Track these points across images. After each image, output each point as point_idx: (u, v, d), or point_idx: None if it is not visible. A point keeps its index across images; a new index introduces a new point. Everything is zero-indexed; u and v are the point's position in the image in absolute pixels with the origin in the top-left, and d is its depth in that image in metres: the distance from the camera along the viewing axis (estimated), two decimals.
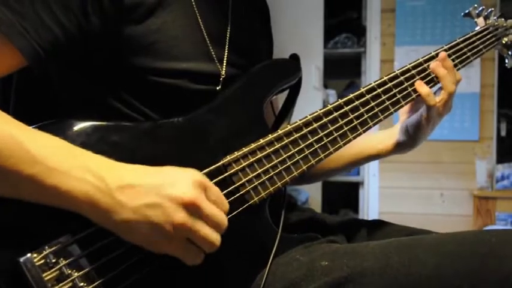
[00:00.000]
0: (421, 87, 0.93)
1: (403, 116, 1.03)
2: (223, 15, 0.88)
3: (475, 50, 1.04)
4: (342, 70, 3.72)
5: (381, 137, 1.04)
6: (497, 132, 3.16)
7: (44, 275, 0.60)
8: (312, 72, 3.08)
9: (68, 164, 0.61)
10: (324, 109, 0.85)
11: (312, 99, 3.08)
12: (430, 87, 0.95)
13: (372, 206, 3.25)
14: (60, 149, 0.62)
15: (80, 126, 0.68)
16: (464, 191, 3.13)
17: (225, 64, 0.84)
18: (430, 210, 3.17)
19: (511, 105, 3.21)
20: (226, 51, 0.85)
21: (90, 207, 0.61)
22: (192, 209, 0.63)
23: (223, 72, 0.83)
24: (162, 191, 0.63)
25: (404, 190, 3.21)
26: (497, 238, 0.70)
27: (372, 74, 3.25)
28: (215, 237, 0.66)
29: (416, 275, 0.67)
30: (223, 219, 0.67)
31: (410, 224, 0.97)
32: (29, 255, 0.60)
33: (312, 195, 3.10)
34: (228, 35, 0.87)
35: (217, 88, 0.82)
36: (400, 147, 1.02)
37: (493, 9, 1.14)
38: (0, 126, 0.61)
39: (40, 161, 0.59)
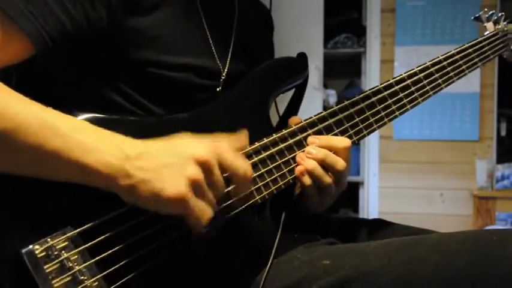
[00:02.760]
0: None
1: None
2: (229, 16, 0.89)
3: (483, 55, 1.04)
4: (341, 70, 3.72)
5: None
6: (497, 132, 3.16)
7: (45, 267, 0.60)
8: (311, 72, 3.07)
9: (90, 137, 0.63)
10: (330, 110, 0.85)
11: (312, 99, 3.08)
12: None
13: (372, 206, 3.25)
14: (81, 124, 0.65)
15: (82, 118, 0.68)
16: (464, 191, 3.13)
17: (227, 63, 0.84)
18: (430, 210, 3.16)
19: (511, 105, 3.21)
20: (230, 50, 0.86)
21: (111, 177, 0.62)
22: (206, 166, 0.64)
23: (223, 71, 0.83)
24: (178, 151, 0.65)
25: (404, 190, 3.21)
26: (498, 237, 0.69)
27: (371, 74, 3.25)
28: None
29: (418, 273, 0.67)
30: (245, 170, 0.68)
31: (410, 224, 0.97)
32: (31, 246, 0.60)
33: None
34: (233, 37, 0.87)
35: (218, 88, 0.82)
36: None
37: (503, 13, 1.13)
38: (25, 105, 0.62)
39: (65, 133, 0.61)
